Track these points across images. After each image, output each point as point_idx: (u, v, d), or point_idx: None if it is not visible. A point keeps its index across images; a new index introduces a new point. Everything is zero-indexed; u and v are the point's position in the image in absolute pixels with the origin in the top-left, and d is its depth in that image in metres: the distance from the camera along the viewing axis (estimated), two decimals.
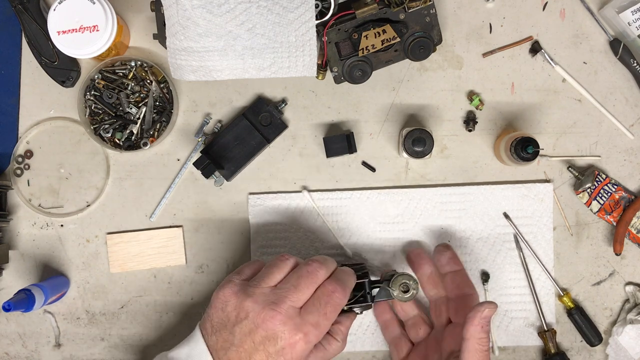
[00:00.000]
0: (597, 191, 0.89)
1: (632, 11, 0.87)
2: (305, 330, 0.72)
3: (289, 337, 0.71)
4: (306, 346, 0.71)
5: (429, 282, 0.83)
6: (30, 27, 0.88)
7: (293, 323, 0.71)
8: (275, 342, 0.71)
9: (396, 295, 0.80)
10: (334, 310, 0.74)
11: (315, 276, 0.75)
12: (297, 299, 0.73)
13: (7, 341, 0.91)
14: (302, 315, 0.73)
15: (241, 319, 0.72)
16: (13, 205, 0.91)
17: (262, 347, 0.71)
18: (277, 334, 0.71)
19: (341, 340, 0.79)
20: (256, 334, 0.71)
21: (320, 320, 0.73)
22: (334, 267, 0.78)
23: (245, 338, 0.71)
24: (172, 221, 0.91)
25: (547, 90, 0.90)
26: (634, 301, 0.89)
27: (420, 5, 0.82)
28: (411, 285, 0.80)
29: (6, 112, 0.91)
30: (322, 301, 0.74)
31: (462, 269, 0.83)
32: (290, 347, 0.71)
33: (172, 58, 0.82)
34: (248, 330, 0.71)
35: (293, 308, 0.72)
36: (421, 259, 0.84)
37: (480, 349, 0.73)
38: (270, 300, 0.72)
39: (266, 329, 0.71)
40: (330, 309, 0.74)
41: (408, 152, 0.84)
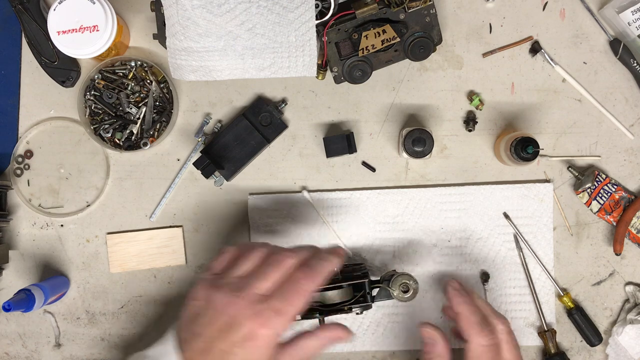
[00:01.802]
0: (597, 191, 0.89)
1: (632, 11, 0.87)
2: (267, 316, 0.69)
3: (250, 322, 0.69)
4: (268, 332, 0.69)
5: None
6: (30, 27, 0.88)
7: (255, 309, 0.69)
8: (237, 329, 0.69)
9: (396, 295, 0.80)
10: (299, 298, 0.71)
11: (283, 264, 0.73)
12: (261, 286, 0.71)
13: (7, 341, 0.91)
14: (266, 302, 0.70)
15: (206, 310, 0.71)
16: (13, 205, 0.91)
17: (226, 334, 0.69)
18: (239, 321, 0.69)
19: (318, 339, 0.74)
20: (219, 322, 0.69)
21: (282, 306, 0.70)
22: (309, 255, 0.75)
23: (209, 327, 0.70)
24: (172, 221, 0.91)
25: (547, 90, 0.90)
26: (634, 301, 0.89)
27: (420, 5, 0.82)
28: (411, 285, 0.80)
29: (6, 112, 0.91)
30: (287, 288, 0.71)
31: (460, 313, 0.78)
32: (252, 333, 0.68)
33: (172, 58, 0.82)
34: (212, 318, 0.70)
35: (257, 295, 0.70)
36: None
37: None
38: (235, 288, 0.71)
39: (228, 315, 0.69)
40: (295, 296, 0.71)
41: (408, 152, 0.84)
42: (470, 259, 0.90)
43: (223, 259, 0.76)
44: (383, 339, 0.90)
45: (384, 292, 0.81)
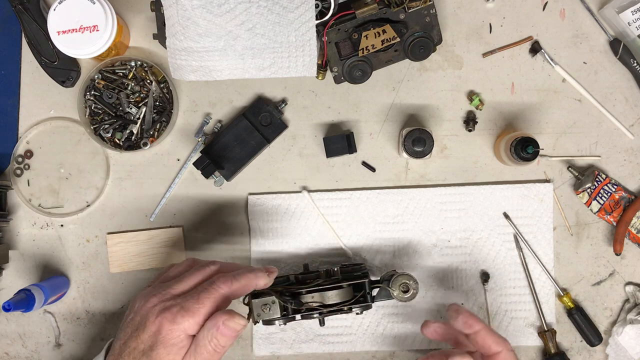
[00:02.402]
0: (597, 191, 0.89)
1: (632, 11, 0.87)
2: (172, 311, 0.69)
3: (155, 317, 0.69)
4: (172, 327, 0.68)
5: None
6: (30, 27, 0.88)
7: (163, 305, 0.70)
8: (144, 326, 0.69)
9: (396, 295, 0.80)
10: (208, 296, 0.70)
11: (203, 271, 0.74)
12: (175, 288, 0.72)
13: (7, 341, 0.91)
14: (174, 300, 0.71)
15: (130, 312, 0.73)
16: (13, 205, 0.91)
17: (137, 333, 0.70)
18: (147, 316, 0.70)
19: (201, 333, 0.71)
20: (133, 321, 0.71)
21: (189, 303, 0.70)
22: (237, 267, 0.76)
23: (127, 328, 0.71)
24: (172, 221, 0.91)
25: (547, 90, 0.90)
26: (634, 301, 0.89)
27: (420, 5, 0.82)
28: (411, 285, 0.80)
29: (6, 112, 0.91)
30: (199, 288, 0.72)
31: (481, 329, 0.76)
32: (157, 330, 0.69)
33: (172, 58, 0.82)
34: (129, 319, 0.72)
35: (170, 294, 0.71)
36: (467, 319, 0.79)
37: None
38: (153, 292, 0.72)
39: (141, 313, 0.71)
40: (204, 294, 0.70)
41: (408, 152, 0.84)
42: (470, 259, 0.90)
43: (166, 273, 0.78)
44: (383, 339, 0.90)
45: (384, 292, 0.81)
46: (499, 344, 0.75)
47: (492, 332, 0.76)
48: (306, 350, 0.90)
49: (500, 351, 0.75)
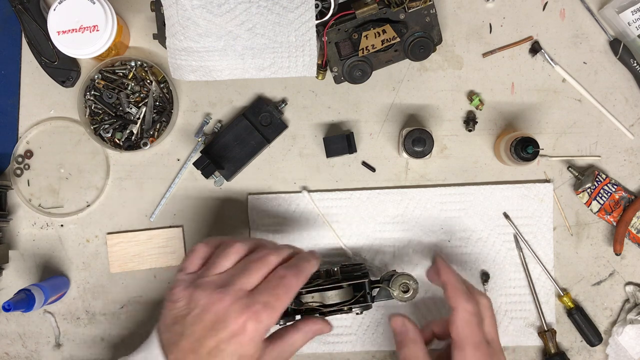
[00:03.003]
0: (597, 191, 0.89)
1: (632, 11, 0.87)
2: (255, 309, 0.68)
3: (238, 316, 0.68)
4: (257, 326, 0.68)
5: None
6: (30, 27, 0.88)
7: (242, 303, 0.69)
8: (225, 324, 0.68)
9: (396, 295, 0.80)
10: (286, 293, 0.71)
11: (266, 261, 0.73)
12: (245, 282, 0.71)
13: (7, 341, 0.91)
14: (252, 296, 0.70)
15: (191, 309, 0.70)
16: (13, 205, 0.91)
17: (213, 332, 0.68)
18: (226, 316, 0.68)
19: (301, 332, 0.74)
20: (205, 319, 0.69)
21: (270, 300, 0.69)
22: (288, 254, 0.75)
23: (195, 326, 0.69)
24: (172, 221, 0.91)
25: (547, 90, 0.90)
26: (634, 301, 0.89)
27: (420, 5, 0.82)
28: (411, 285, 0.80)
29: (6, 112, 0.91)
30: (273, 283, 0.71)
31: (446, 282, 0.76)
32: (241, 327, 0.68)
33: (172, 58, 0.82)
34: (197, 317, 0.69)
35: (242, 290, 0.70)
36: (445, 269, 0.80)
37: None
38: (219, 285, 0.70)
39: (215, 312, 0.68)
40: (281, 291, 0.70)
41: (408, 152, 0.84)
42: (470, 259, 0.90)
43: (195, 257, 0.75)
44: (383, 339, 0.90)
45: (384, 292, 0.81)
46: (456, 300, 0.75)
47: (456, 288, 0.75)
48: (306, 351, 0.90)
49: (455, 308, 0.74)
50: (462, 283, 0.77)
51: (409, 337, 0.76)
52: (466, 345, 0.73)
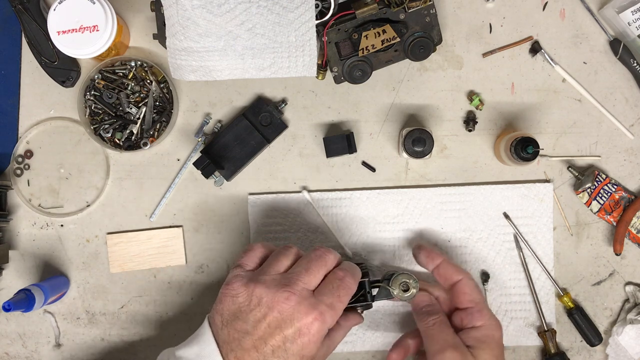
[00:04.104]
0: (597, 191, 0.89)
1: (632, 11, 0.87)
2: (321, 310, 0.70)
3: (305, 316, 0.69)
4: (322, 327, 0.70)
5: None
6: (30, 27, 0.88)
7: (308, 303, 0.69)
8: (291, 323, 0.68)
9: (396, 294, 0.80)
10: (347, 294, 0.73)
11: (325, 260, 0.74)
12: (309, 281, 0.72)
13: (7, 341, 0.91)
14: (316, 297, 0.71)
15: (254, 306, 0.69)
16: (13, 205, 0.91)
17: (278, 330, 0.68)
18: (293, 315, 0.69)
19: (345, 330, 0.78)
20: (271, 317, 0.69)
21: (334, 301, 0.71)
22: (339, 257, 0.78)
23: (260, 324, 0.69)
24: (172, 221, 0.91)
25: (547, 90, 0.90)
26: (634, 301, 0.89)
27: (420, 5, 0.82)
28: (411, 284, 0.80)
29: (6, 112, 0.91)
30: (334, 284, 0.73)
31: (442, 261, 0.82)
32: (307, 327, 0.69)
33: (172, 58, 0.82)
34: (262, 315, 0.69)
35: (306, 290, 0.71)
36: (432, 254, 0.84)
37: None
38: (283, 284, 0.70)
39: (281, 310, 0.69)
40: (343, 292, 0.73)
41: (408, 152, 0.84)
42: (470, 259, 0.90)
43: (254, 255, 0.77)
44: (383, 339, 0.90)
45: (384, 291, 0.81)
46: (459, 272, 0.81)
47: (452, 263, 0.82)
48: None
49: (461, 279, 0.80)
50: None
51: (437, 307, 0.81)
52: (483, 307, 0.79)
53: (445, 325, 0.79)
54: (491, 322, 0.78)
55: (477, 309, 0.78)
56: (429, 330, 0.79)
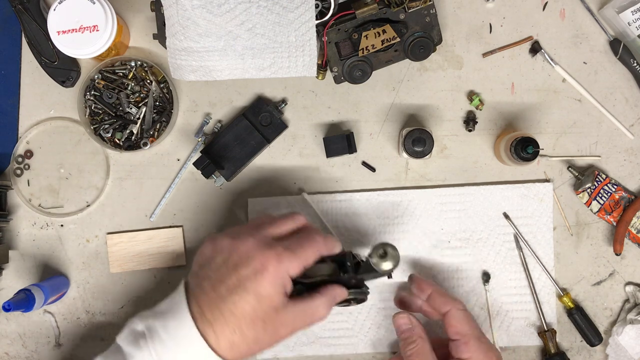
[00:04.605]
0: (597, 191, 0.89)
1: (632, 11, 0.87)
2: (278, 251, 0.70)
3: (261, 255, 0.69)
4: (279, 266, 0.69)
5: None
6: (30, 27, 0.88)
7: (266, 244, 0.70)
8: (247, 262, 0.69)
9: (375, 262, 0.76)
10: (311, 246, 0.72)
11: (294, 216, 0.76)
12: (272, 231, 0.73)
13: (7, 341, 0.91)
14: (278, 241, 0.72)
15: (217, 253, 0.71)
16: (13, 205, 0.91)
17: (234, 271, 0.69)
18: (249, 254, 0.69)
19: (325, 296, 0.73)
20: (230, 261, 0.70)
21: (295, 247, 0.71)
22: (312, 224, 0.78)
23: (220, 267, 0.70)
24: (172, 221, 0.91)
25: (547, 90, 0.90)
26: (634, 301, 0.89)
27: (420, 5, 0.82)
28: (389, 251, 0.77)
29: (6, 112, 0.91)
30: (300, 235, 0.73)
31: (432, 292, 0.81)
32: (262, 265, 0.69)
33: (172, 58, 0.82)
34: (222, 260, 0.71)
35: (267, 236, 0.72)
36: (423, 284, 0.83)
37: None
38: (247, 232, 0.72)
39: (239, 253, 0.70)
40: (306, 243, 0.72)
41: (408, 152, 0.84)
42: (471, 260, 0.90)
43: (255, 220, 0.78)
44: (383, 340, 0.90)
45: (367, 268, 0.77)
46: (447, 303, 0.79)
47: (442, 294, 0.80)
48: (307, 353, 0.90)
49: (449, 310, 0.79)
50: (443, 290, 0.82)
51: (415, 332, 0.79)
52: (470, 339, 0.77)
53: (423, 354, 0.77)
54: (478, 355, 0.77)
55: (464, 342, 0.77)
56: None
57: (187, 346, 0.68)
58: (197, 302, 0.69)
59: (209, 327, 0.68)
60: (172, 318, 0.69)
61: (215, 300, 0.69)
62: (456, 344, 0.78)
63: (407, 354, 0.78)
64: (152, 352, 0.68)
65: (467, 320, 0.79)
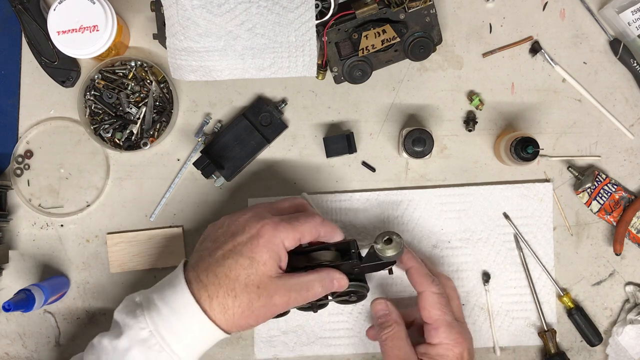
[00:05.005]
0: (597, 191, 0.89)
1: (632, 11, 0.87)
2: (274, 220, 0.72)
3: (257, 223, 0.72)
4: (273, 232, 0.71)
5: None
6: (30, 27, 0.88)
7: (263, 216, 0.73)
8: (243, 230, 0.72)
9: (380, 248, 0.77)
10: (307, 221, 0.74)
11: (294, 199, 0.79)
12: (270, 208, 0.76)
13: (7, 341, 0.91)
14: (275, 215, 0.75)
15: (217, 229, 0.74)
16: (13, 205, 0.91)
17: (231, 238, 0.72)
18: (246, 224, 0.72)
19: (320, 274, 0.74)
20: (228, 231, 0.73)
21: (291, 219, 0.73)
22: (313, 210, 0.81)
23: (218, 237, 0.73)
24: (172, 221, 0.91)
25: (547, 90, 0.90)
26: (634, 301, 0.89)
27: (420, 5, 0.82)
28: (395, 238, 0.77)
29: (6, 112, 0.91)
30: (297, 212, 0.76)
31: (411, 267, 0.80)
32: (258, 231, 0.71)
33: (172, 58, 0.82)
34: (222, 232, 0.73)
35: (266, 212, 0.75)
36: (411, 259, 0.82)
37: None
38: (246, 210, 0.76)
39: (237, 224, 0.73)
40: (303, 217, 0.74)
41: (408, 152, 0.84)
42: (471, 260, 0.90)
43: None
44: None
45: (371, 256, 0.78)
46: (422, 284, 0.79)
47: (421, 273, 0.79)
48: (307, 353, 0.90)
49: (423, 292, 0.79)
50: (424, 267, 0.81)
51: (391, 317, 0.80)
52: (440, 325, 0.77)
53: (398, 339, 0.78)
54: (448, 341, 0.77)
55: (434, 327, 0.77)
56: (382, 345, 0.80)
57: (181, 311, 0.70)
58: (193, 269, 0.72)
59: (203, 290, 0.70)
60: (168, 287, 0.72)
61: (212, 265, 0.71)
62: (427, 328, 0.79)
63: (383, 338, 0.79)
64: (148, 319, 0.70)
65: (439, 305, 0.78)
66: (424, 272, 0.80)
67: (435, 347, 0.77)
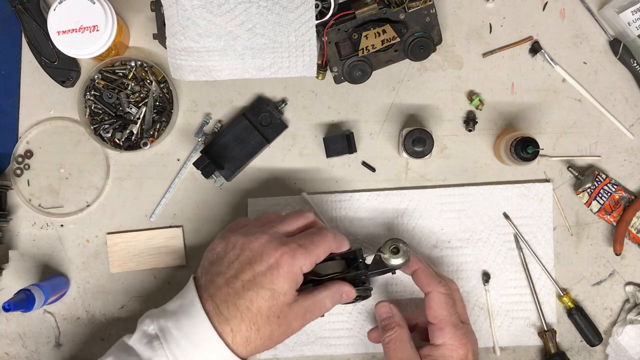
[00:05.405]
0: (597, 191, 0.89)
1: (632, 11, 0.87)
2: (291, 247, 0.71)
3: (274, 251, 0.70)
4: (292, 262, 0.70)
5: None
6: (30, 27, 0.88)
7: (278, 241, 0.72)
8: (261, 258, 0.70)
9: (387, 257, 0.78)
10: (322, 241, 0.73)
11: (303, 214, 0.77)
12: (282, 228, 0.74)
13: (7, 341, 0.91)
14: (291, 238, 0.73)
15: (229, 250, 0.73)
16: (13, 205, 0.91)
17: (249, 266, 0.70)
18: (263, 251, 0.71)
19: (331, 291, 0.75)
20: (243, 257, 0.71)
21: (306, 243, 0.72)
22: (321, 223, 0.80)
23: (233, 263, 0.71)
24: (172, 221, 0.91)
25: (547, 90, 0.90)
26: (634, 301, 0.89)
27: (420, 5, 0.82)
28: (401, 247, 0.78)
29: (6, 112, 0.91)
30: (310, 232, 0.75)
31: (418, 269, 0.80)
32: (276, 261, 0.70)
33: (172, 58, 0.82)
34: (235, 256, 0.72)
35: (279, 233, 0.73)
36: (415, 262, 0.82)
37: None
38: (258, 229, 0.74)
39: (252, 249, 0.71)
40: (317, 239, 0.73)
41: (408, 152, 0.84)
42: (471, 260, 0.90)
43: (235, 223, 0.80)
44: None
45: (378, 262, 0.79)
46: (430, 284, 0.79)
47: (428, 274, 0.79)
48: (308, 353, 0.90)
49: (430, 292, 0.78)
50: (430, 268, 0.81)
51: (394, 320, 0.80)
52: (445, 326, 0.77)
53: (401, 341, 0.78)
54: (452, 342, 0.76)
55: (439, 327, 0.77)
56: (385, 348, 0.79)
57: (203, 345, 0.69)
58: (211, 298, 0.70)
59: (225, 324, 0.69)
60: (185, 317, 0.70)
61: (231, 296, 0.69)
62: (432, 328, 0.78)
63: (386, 341, 0.79)
64: (168, 353, 0.69)
65: (446, 305, 0.78)
66: (430, 272, 0.80)
67: (440, 348, 0.77)
